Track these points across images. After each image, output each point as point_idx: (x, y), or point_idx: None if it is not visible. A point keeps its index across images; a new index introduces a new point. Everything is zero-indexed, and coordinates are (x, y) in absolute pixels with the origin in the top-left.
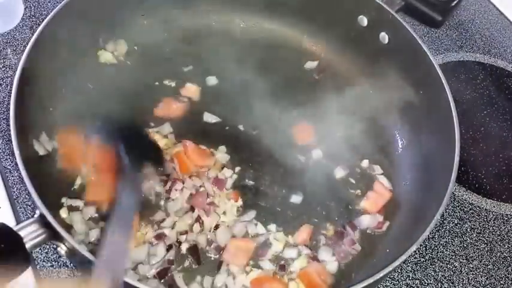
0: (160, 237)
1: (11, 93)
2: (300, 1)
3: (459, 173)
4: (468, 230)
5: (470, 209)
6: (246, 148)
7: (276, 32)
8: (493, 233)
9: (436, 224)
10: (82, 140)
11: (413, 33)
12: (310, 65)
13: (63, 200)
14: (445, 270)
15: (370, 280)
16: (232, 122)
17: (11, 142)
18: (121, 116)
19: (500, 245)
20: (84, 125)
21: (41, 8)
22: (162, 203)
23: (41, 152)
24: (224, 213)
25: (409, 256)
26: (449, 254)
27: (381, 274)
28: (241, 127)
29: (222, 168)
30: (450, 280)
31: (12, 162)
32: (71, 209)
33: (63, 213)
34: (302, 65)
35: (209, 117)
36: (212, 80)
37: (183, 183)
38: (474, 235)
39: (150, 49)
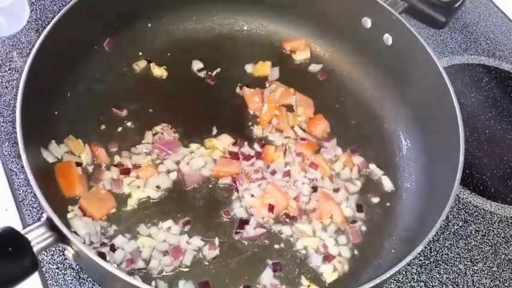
0: None
1: (17, 96)
2: (303, 3)
3: (464, 176)
4: (473, 232)
5: (474, 212)
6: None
7: (279, 34)
8: (498, 235)
9: (440, 227)
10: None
11: (417, 35)
12: (314, 67)
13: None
14: (449, 272)
15: (377, 280)
16: None
17: (17, 145)
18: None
19: (504, 247)
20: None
21: (46, 11)
22: None
23: (50, 160)
24: None
25: (414, 258)
26: (454, 257)
27: (388, 275)
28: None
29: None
30: (455, 282)
31: (18, 164)
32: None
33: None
34: (306, 67)
35: None
36: None
37: None
38: (479, 237)
39: (154, 52)
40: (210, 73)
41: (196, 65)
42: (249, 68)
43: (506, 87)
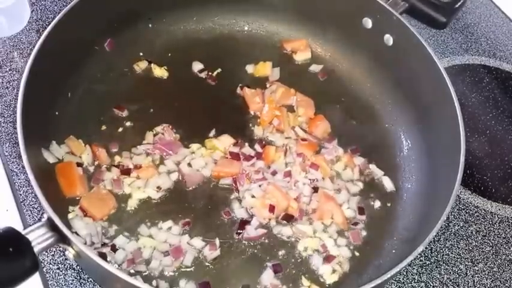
0: None
1: (17, 96)
2: (304, 4)
3: (464, 176)
4: (473, 232)
5: (475, 212)
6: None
7: (280, 34)
8: (498, 235)
9: (441, 227)
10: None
11: (418, 36)
12: (315, 67)
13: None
14: (450, 272)
15: (378, 281)
16: None
17: (18, 145)
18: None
19: (505, 248)
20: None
21: (47, 11)
22: None
23: (51, 160)
24: None
25: (415, 258)
26: (454, 257)
27: (388, 275)
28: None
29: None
30: (456, 283)
31: (18, 165)
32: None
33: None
34: (307, 67)
35: None
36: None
37: None
38: (479, 238)
39: (154, 52)
40: (210, 73)
41: (197, 66)
42: (249, 68)
43: (507, 88)
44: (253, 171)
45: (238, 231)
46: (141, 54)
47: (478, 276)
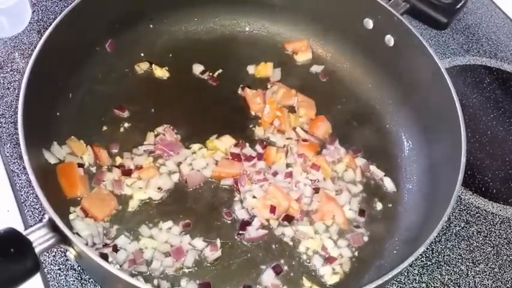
0: None
1: (18, 97)
2: (305, 4)
3: (465, 177)
4: (474, 233)
5: (476, 213)
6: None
7: (281, 35)
8: (499, 236)
9: (442, 228)
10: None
11: (419, 36)
12: (316, 68)
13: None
14: (451, 273)
15: (379, 281)
16: None
17: (19, 146)
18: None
19: (506, 248)
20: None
21: (48, 12)
22: None
23: (52, 161)
24: None
25: (416, 259)
26: (455, 258)
27: (389, 276)
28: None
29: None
30: (457, 283)
31: (19, 165)
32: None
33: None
34: (308, 68)
35: None
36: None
37: None
38: (480, 238)
39: (155, 53)
40: (211, 74)
41: (197, 68)
42: (250, 69)
43: (508, 88)
44: (254, 171)
45: (239, 232)
46: (142, 55)
47: (479, 277)
